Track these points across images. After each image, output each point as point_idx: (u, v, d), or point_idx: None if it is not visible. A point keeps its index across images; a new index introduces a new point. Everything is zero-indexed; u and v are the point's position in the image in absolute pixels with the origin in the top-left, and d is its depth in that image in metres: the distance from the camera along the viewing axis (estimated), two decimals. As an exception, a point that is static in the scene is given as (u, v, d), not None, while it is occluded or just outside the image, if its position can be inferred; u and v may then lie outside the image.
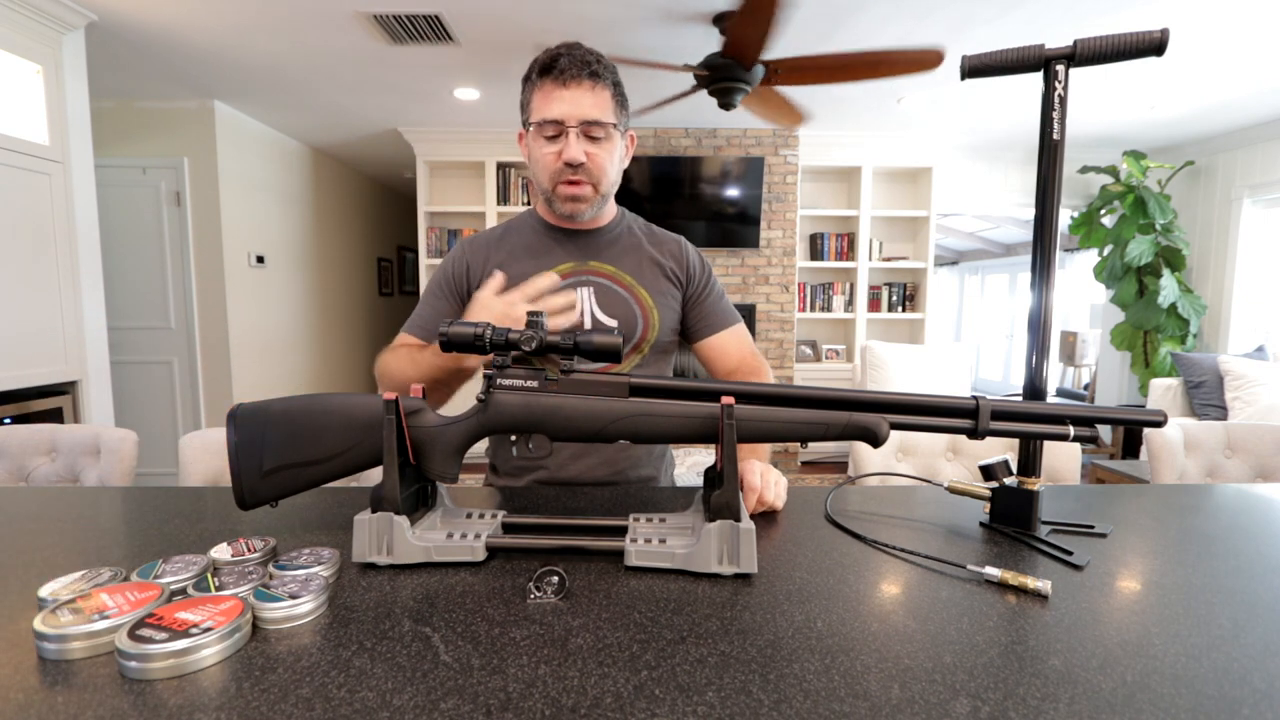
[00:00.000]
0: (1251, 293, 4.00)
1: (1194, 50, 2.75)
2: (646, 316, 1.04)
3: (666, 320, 1.06)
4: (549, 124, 0.94)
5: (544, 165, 0.97)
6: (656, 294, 1.06)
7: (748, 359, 1.10)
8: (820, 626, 0.53)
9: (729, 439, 0.63)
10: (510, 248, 1.06)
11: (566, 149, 0.94)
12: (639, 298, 1.04)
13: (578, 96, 0.93)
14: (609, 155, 0.98)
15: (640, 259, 1.07)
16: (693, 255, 1.12)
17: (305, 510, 0.82)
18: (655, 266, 1.07)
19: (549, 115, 0.93)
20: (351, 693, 0.43)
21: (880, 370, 3.75)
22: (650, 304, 1.04)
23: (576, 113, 0.93)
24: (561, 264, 1.04)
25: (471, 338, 0.66)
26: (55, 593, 0.54)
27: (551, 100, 0.93)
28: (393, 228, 6.22)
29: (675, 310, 1.09)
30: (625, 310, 1.03)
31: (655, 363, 1.08)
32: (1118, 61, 0.71)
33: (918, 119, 3.84)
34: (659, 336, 1.05)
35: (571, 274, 1.03)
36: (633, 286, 1.04)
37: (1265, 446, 1.41)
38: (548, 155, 0.96)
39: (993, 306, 8.47)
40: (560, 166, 0.95)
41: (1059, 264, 0.81)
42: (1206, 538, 0.76)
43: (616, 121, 0.97)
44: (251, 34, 2.65)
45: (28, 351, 2.28)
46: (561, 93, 0.93)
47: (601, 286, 1.03)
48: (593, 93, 0.94)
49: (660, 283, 1.07)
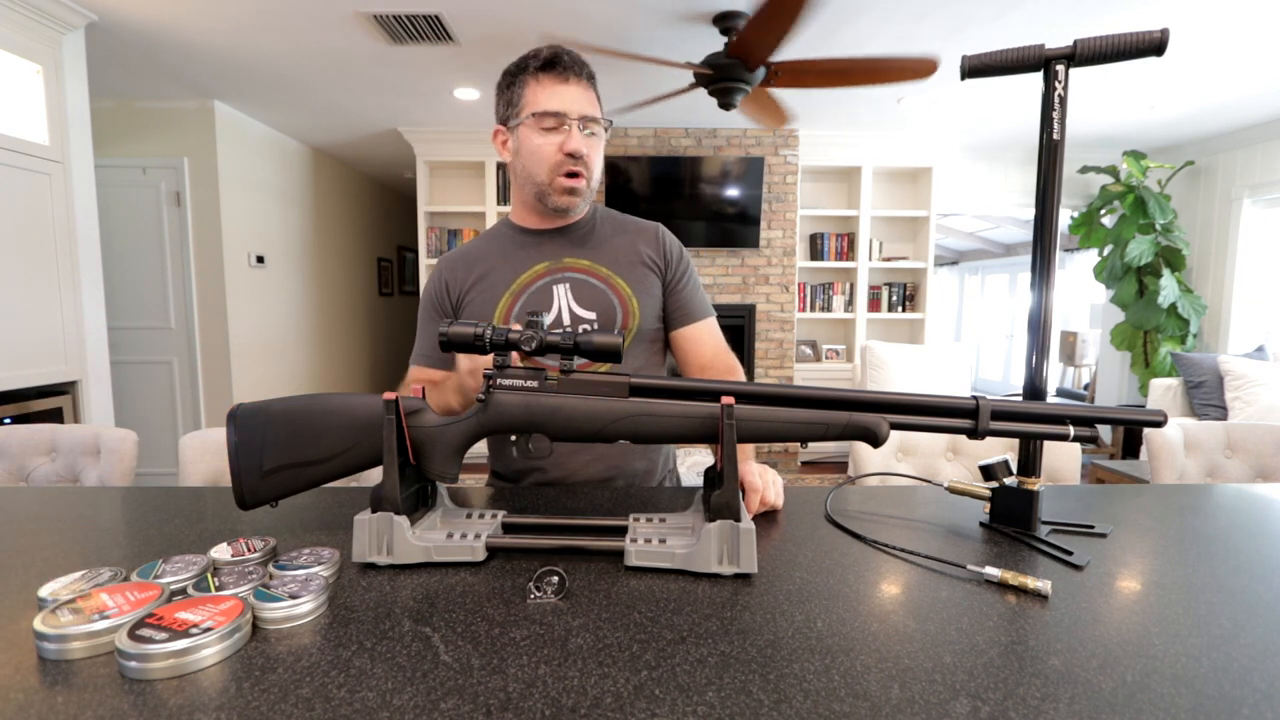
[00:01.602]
0: (1251, 293, 4.00)
1: (1194, 50, 2.75)
2: (625, 305, 1.03)
3: (648, 307, 1.06)
4: (551, 115, 0.95)
5: (542, 157, 0.97)
6: (635, 282, 1.05)
7: (722, 354, 1.10)
8: (820, 626, 0.53)
9: (729, 439, 0.63)
10: (484, 256, 1.07)
11: (570, 139, 0.95)
12: (616, 287, 1.04)
13: (578, 92, 0.96)
14: (599, 152, 1.01)
15: (615, 249, 1.07)
16: (670, 241, 1.11)
17: (305, 510, 0.82)
18: (632, 254, 1.07)
19: (552, 107, 0.95)
20: (351, 693, 0.43)
21: (880, 370, 3.75)
22: (628, 292, 1.04)
23: (578, 107, 0.96)
24: (536, 264, 1.04)
25: (471, 338, 0.66)
26: (55, 593, 0.54)
27: (554, 94, 0.95)
28: (393, 228, 6.22)
29: (657, 297, 1.08)
30: (603, 302, 1.03)
31: (644, 353, 1.07)
32: (1118, 61, 0.71)
33: (918, 119, 3.84)
34: (642, 324, 1.05)
35: (547, 273, 1.04)
36: (609, 277, 1.04)
37: (1265, 446, 1.41)
38: (546, 147, 0.97)
39: (993, 306, 8.47)
40: (561, 158, 0.96)
41: (1059, 264, 0.81)
42: (1206, 538, 0.76)
43: (603, 121, 1.00)
44: (251, 34, 2.65)
45: (28, 351, 2.28)
46: (564, 87, 0.95)
47: (577, 281, 1.03)
48: (588, 91, 0.98)
49: (638, 269, 1.06)
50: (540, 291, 1.03)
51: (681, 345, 1.10)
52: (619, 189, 4.03)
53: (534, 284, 1.03)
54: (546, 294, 1.02)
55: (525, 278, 1.03)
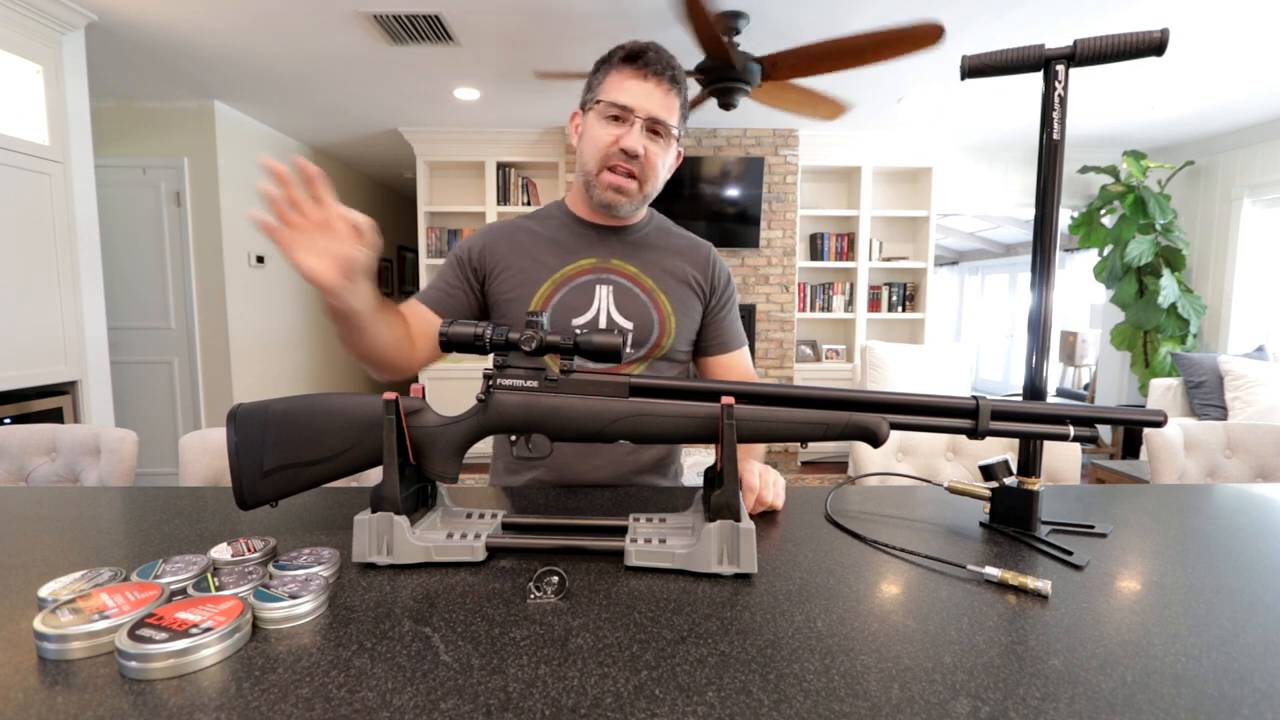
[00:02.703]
0: (1251, 293, 4.00)
1: (1194, 50, 2.75)
2: (664, 323, 1.02)
3: (684, 331, 1.04)
4: (617, 106, 0.93)
5: (597, 145, 0.96)
6: (677, 301, 1.04)
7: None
8: (820, 626, 0.53)
9: (729, 439, 0.63)
10: (534, 235, 1.04)
11: (628, 136, 0.93)
12: (658, 303, 1.02)
13: (653, 91, 0.93)
14: (663, 157, 0.98)
15: (664, 263, 1.05)
16: (720, 268, 1.09)
17: (305, 510, 0.82)
18: (680, 273, 1.05)
19: (620, 99, 0.93)
20: (351, 693, 0.43)
21: (880, 370, 3.75)
22: (669, 310, 1.03)
23: (648, 105, 0.93)
24: (583, 259, 1.02)
25: (471, 338, 0.66)
26: (55, 593, 0.54)
27: (627, 86, 0.93)
28: (393, 228, 6.22)
29: (695, 320, 1.06)
30: (643, 314, 1.01)
31: (665, 373, 1.06)
32: (1118, 61, 0.71)
33: (917, 119, 3.84)
34: (674, 345, 1.03)
35: (592, 270, 1.02)
36: (653, 291, 1.03)
37: (1265, 446, 1.41)
38: (604, 136, 0.95)
39: (993, 306, 8.47)
40: (614, 151, 0.94)
41: (1059, 264, 0.81)
42: (1206, 538, 0.76)
43: (676, 128, 0.97)
44: (251, 34, 2.65)
45: (28, 351, 2.28)
46: (640, 83, 0.93)
47: (621, 287, 1.02)
48: (668, 95, 0.95)
49: (682, 290, 1.05)
50: (583, 288, 1.00)
51: (713, 372, 1.10)
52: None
53: (578, 278, 1.01)
54: (588, 292, 1.00)
55: (570, 269, 1.01)
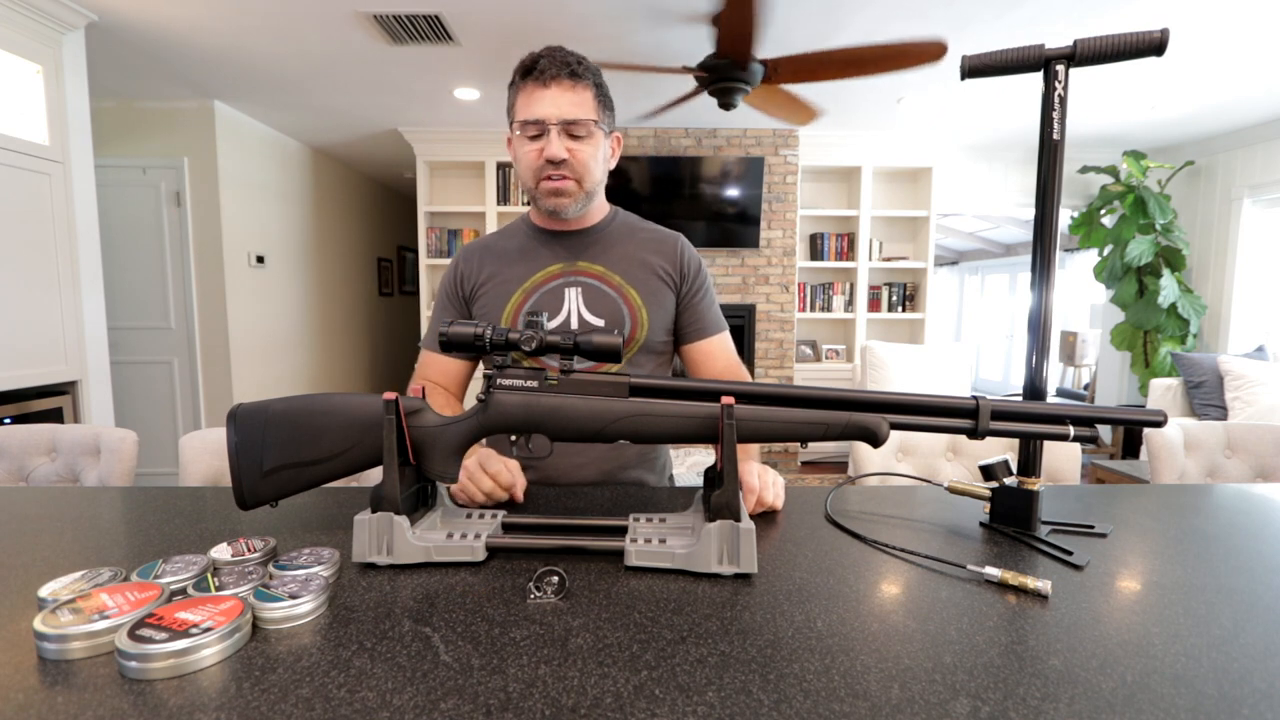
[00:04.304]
0: (1251, 293, 3.99)
1: (1194, 50, 2.75)
2: (635, 316, 1.04)
3: (658, 320, 1.06)
4: (531, 124, 0.96)
5: (527, 163, 0.99)
6: (647, 294, 1.05)
7: (733, 368, 1.10)
8: (820, 626, 0.53)
9: (729, 439, 0.63)
10: (501, 252, 1.08)
11: (548, 146, 0.96)
12: (628, 297, 1.04)
13: (558, 96, 0.95)
14: (591, 153, 0.99)
15: (630, 258, 1.07)
16: (689, 255, 1.11)
17: (305, 510, 0.82)
18: (647, 265, 1.07)
19: (530, 115, 0.96)
20: (351, 693, 0.43)
21: (880, 370, 3.75)
22: (639, 303, 1.04)
23: (557, 111, 0.95)
24: (550, 265, 1.05)
25: (471, 338, 0.66)
26: (55, 593, 0.54)
27: (533, 100, 0.96)
28: (393, 228, 6.22)
29: (669, 310, 1.08)
30: (613, 309, 1.03)
31: (649, 364, 1.08)
32: (1118, 61, 0.71)
33: (917, 119, 3.84)
34: (650, 336, 1.05)
35: (560, 275, 1.04)
36: (621, 286, 1.05)
37: (1265, 446, 1.41)
38: (530, 153, 0.98)
39: (993, 306, 8.46)
40: (541, 164, 0.97)
41: (1059, 264, 0.81)
42: (1206, 538, 0.76)
43: (599, 119, 0.98)
44: (251, 34, 2.65)
45: (28, 351, 2.28)
46: (543, 93, 0.95)
47: (589, 287, 1.04)
48: (573, 92, 0.96)
49: (652, 282, 1.06)
50: (552, 293, 1.03)
51: (693, 359, 1.11)
52: (619, 189, 4.02)
53: (547, 285, 1.04)
54: (558, 296, 1.03)
55: (539, 277, 1.04)
